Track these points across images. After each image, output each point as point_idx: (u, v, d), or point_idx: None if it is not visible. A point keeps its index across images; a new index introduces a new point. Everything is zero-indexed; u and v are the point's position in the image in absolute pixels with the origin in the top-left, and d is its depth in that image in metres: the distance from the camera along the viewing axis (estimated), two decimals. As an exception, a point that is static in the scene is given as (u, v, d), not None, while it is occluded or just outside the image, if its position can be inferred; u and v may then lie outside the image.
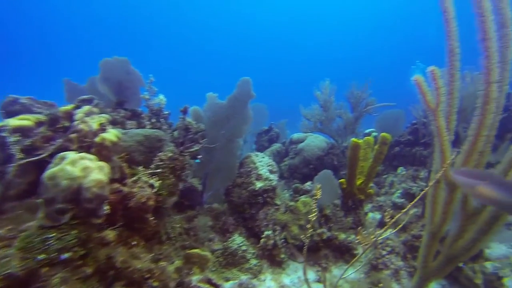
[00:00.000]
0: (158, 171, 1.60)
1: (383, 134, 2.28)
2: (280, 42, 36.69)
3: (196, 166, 2.65)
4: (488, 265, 1.99)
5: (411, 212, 2.49)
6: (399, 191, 3.04)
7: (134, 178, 1.44)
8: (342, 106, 3.55)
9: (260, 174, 2.49)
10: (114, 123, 2.01)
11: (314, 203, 1.58)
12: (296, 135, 3.86)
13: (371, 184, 3.05)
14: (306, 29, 35.60)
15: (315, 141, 3.58)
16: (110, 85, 2.45)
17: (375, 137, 3.09)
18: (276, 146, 4.31)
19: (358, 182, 2.43)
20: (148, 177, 1.51)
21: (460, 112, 1.82)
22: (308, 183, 2.64)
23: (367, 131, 4.26)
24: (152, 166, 1.64)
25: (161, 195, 1.55)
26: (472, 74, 3.22)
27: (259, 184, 2.45)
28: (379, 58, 32.42)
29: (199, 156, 2.52)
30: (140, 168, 1.55)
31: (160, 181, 1.55)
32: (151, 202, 1.40)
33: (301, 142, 3.76)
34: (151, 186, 1.48)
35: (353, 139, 2.19)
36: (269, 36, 36.05)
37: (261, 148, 4.73)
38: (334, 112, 3.51)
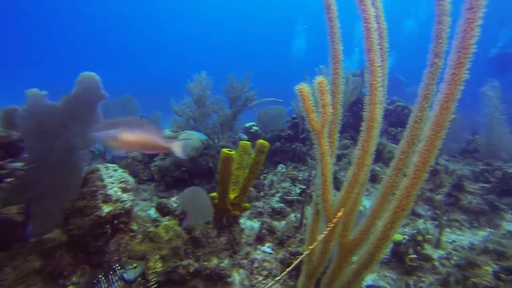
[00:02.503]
0: None
1: (260, 141, 1.97)
2: (157, 29, 34.54)
3: (9, 189, 1.83)
4: None
5: (289, 224, 2.30)
6: (278, 194, 2.87)
7: None
8: (219, 101, 3.15)
9: (109, 195, 1.87)
10: None
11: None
12: (167, 133, 3.30)
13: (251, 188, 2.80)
14: (185, 17, 34.31)
15: (188, 140, 3.10)
16: None
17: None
18: (147, 144, 3.65)
19: (232, 196, 2.08)
20: None
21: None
22: (174, 198, 2.16)
23: (247, 125, 4.03)
24: None
25: None
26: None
27: (107, 208, 1.83)
28: (262, 50, 33.91)
29: (10, 179, 1.72)
30: None
31: None
32: None
33: (174, 141, 3.22)
34: None
35: (224, 150, 1.79)
36: (148, 24, 33.57)
37: (130, 145, 3.97)
38: (210, 108, 3.09)
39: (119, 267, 1.36)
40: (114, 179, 1.92)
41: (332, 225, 1.12)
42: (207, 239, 2.05)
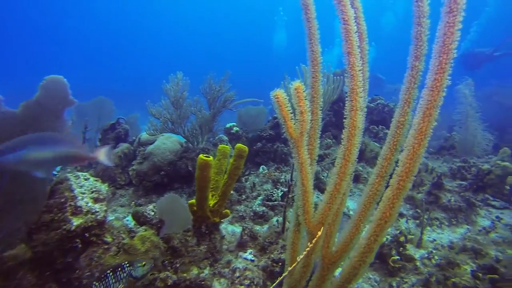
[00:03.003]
0: None
1: (239, 146, 1.90)
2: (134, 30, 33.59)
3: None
4: None
5: (271, 229, 2.25)
6: (260, 197, 2.81)
7: None
8: (197, 102, 3.05)
9: (79, 206, 1.75)
10: None
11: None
12: (144, 135, 3.17)
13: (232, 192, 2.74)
14: (161, 14, 33.47)
15: (166, 143, 2.99)
16: None
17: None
18: (124, 146, 3.51)
19: (212, 202, 2.00)
20: None
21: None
22: (151, 206, 2.06)
23: (228, 125, 3.95)
24: None
25: None
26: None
27: (76, 221, 1.72)
28: (243, 45, 33.51)
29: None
30: None
31: None
32: None
33: (151, 143, 3.10)
34: None
35: (201, 155, 1.71)
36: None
37: (106, 148, 3.80)
38: (188, 110, 2.98)
39: (127, 264, 1.37)
40: (85, 189, 1.80)
41: (311, 245, 1.07)
42: (186, 248, 1.97)
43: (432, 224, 2.54)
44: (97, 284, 1.28)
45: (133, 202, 3.04)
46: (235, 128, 3.80)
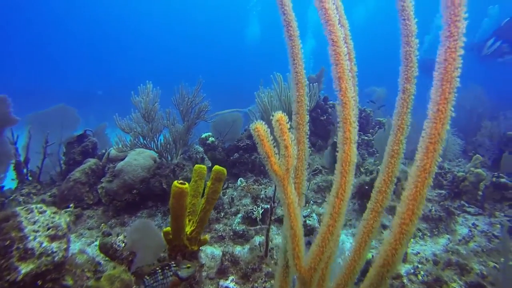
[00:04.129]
0: None
1: (217, 168, 1.76)
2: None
3: None
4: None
5: (253, 252, 2.12)
6: (240, 214, 2.67)
7: None
8: (169, 115, 2.85)
9: (31, 249, 1.51)
10: None
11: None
12: (114, 151, 2.93)
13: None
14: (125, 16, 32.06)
15: (138, 159, 2.77)
16: None
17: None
18: (91, 162, 3.23)
19: (189, 229, 1.84)
20: None
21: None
22: (121, 237, 1.86)
23: (203, 135, 3.77)
24: None
25: None
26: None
27: (26, 268, 1.47)
28: (211, 48, 32.81)
29: None
30: None
31: None
32: None
33: (121, 159, 2.87)
34: None
35: (175, 183, 1.54)
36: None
37: (72, 163, 3.51)
38: (160, 123, 2.78)
39: (174, 265, 1.51)
40: (39, 226, 1.58)
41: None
42: (157, 282, 1.79)
43: (415, 235, 2.51)
44: (148, 278, 1.49)
45: (102, 224, 2.80)
46: (210, 139, 3.63)
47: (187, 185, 1.57)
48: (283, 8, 1.15)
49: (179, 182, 1.57)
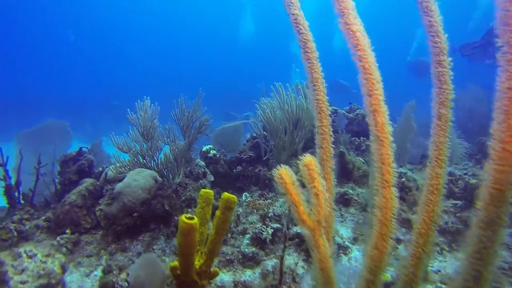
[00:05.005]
0: None
1: (226, 195, 1.61)
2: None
3: None
4: None
5: (266, 280, 1.99)
6: (248, 235, 2.54)
7: None
8: (169, 131, 2.71)
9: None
10: None
11: None
12: (111, 172, 2.78)
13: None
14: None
15: (137, 179, 2.63)
16: None
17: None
18: (88, 183, 3.08)
19: (198, 263, 1.69)
20: None
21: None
22: (123, 275, 1.72)
23: (204, 148, 3.63)
24: None
25: None
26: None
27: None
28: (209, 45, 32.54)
29: None
30: None
31: None
32: None
33: (119, 180, 2.72)
34: None
35: (182, 218, 1.40)
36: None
37: (67, 183, 3.34)
38: (161, 140, 2.64)
39: None
40: (27, 275, 1.42)
41: None
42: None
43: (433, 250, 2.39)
44: None
45: (102, 250, 2.65)
46: (212, 152, 3.49)
47: (196, 220, 1.43)
48: (298, 27, 1.02)
49: (187, 217, 1.43)
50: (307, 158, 0.80)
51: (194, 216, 1.46)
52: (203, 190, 1.81)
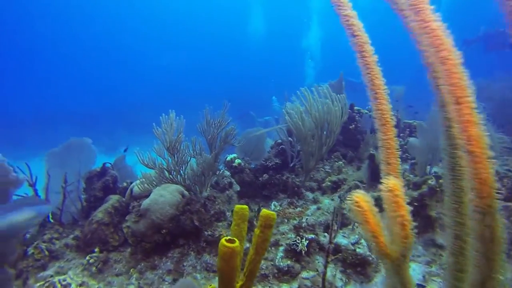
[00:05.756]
0: None
1: (265, 212, 1.49)
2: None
3: None
4: None
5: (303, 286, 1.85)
6: (281, 248, 2.41)
7: None
8: (195, 144, 2.61)
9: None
10: None
11: None
12: (137, 188, 2.71)
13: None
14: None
15: (164, 195, 2.54)
16: None
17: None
18: (113, 200, 3.02)
19: (237, 284, 1.58)
20: None
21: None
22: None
23: (228, 158, 3.53)
24: None
25: None
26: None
27: None
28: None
29: None
30: None
31: None
32: None
33: (146, 196, 2.65)
34: None
35: (223, 241, 1.29)
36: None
37: (92, 201, 3.31)
38: (187, 153, 2.55)
39: None
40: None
41: None
42: None
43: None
44: None
45: (132, 269, 2.58)
46: (237, 161, 3.38)
47: (237, 243, 1.31)
48: (352, 28, 0.89)
49: (227, 239, 1.31)
50: (391, 181, 0.66)
51: (235, 239, 1.34)
52: (238, 206, 1.70)
